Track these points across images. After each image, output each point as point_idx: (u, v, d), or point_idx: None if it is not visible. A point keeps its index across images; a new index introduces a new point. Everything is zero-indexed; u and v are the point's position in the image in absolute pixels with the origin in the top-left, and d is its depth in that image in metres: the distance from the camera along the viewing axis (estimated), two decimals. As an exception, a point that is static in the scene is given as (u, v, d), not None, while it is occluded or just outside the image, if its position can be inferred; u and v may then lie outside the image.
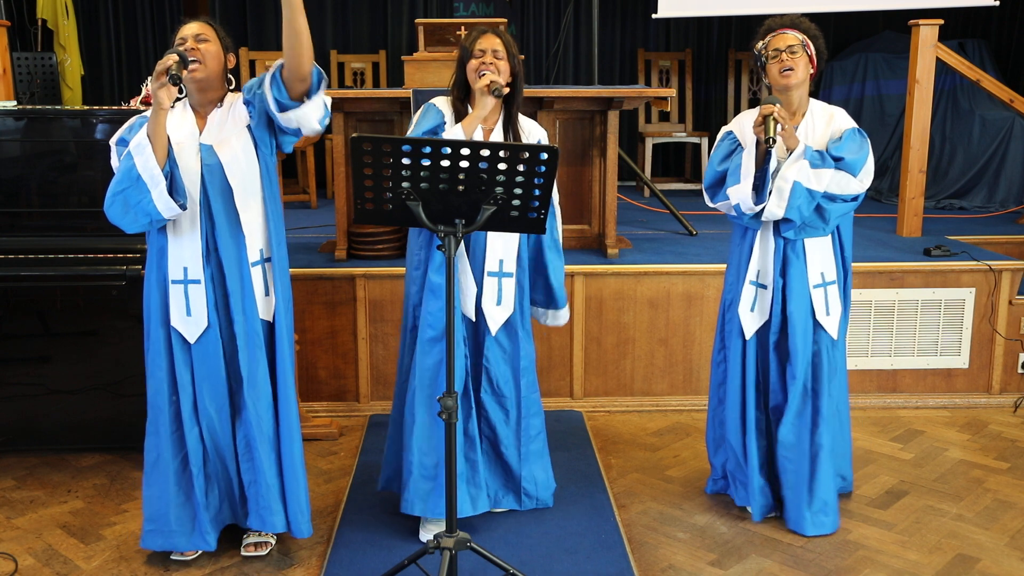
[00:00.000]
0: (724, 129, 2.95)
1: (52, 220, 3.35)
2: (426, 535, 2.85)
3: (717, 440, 3.12)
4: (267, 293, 2.69)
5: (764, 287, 2.89)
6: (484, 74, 2.68)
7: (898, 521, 3.04)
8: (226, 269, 2.62)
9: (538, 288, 3.00)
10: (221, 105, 2.65)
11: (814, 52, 2.83)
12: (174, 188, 2.50)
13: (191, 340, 2.63)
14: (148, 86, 3.49)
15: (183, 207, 2.52)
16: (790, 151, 2.77)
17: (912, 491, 3.26)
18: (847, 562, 2.78)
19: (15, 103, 3.58)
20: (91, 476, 3.36)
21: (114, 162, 2.58)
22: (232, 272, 2.62)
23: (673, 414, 4.01)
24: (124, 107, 3.40)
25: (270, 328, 2.71)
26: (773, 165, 2.77)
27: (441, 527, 2.77)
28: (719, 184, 2.86)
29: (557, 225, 2.98)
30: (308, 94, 2.56)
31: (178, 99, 2.60)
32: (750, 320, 2.91)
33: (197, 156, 2.58)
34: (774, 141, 2.66)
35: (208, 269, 2.61)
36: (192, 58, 2.53)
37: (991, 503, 3.17)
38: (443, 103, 2.82)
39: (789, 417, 2.88)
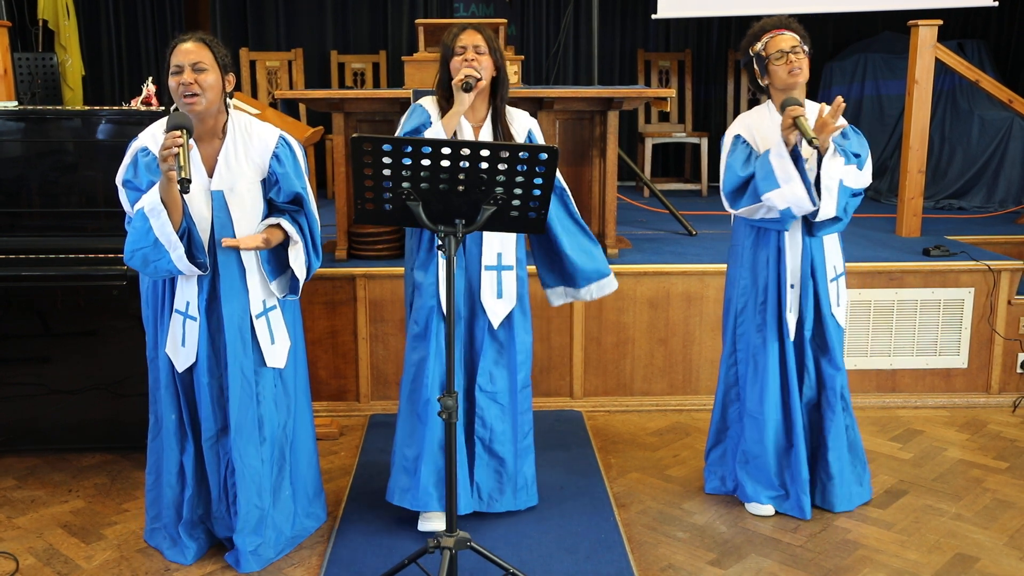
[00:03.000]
0: (731, 133, 2.92)
1: (53, 220, 3.35)
2: (424, 524, 2.88)
3: (730, 440, 3.13)
4: (272, 342, 2.67)
5: (793, 287, 2.93)
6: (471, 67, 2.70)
7: (897, 520, 3.04)
8: (226, 321, 2.59)
9: (556, 266, 2.94)
10: (225, 134, 2.59)
11: (808, 52, 2.85)
12: (193, 245, 2.49)
13: (179, 369, 2.63)
14: (148, 86, 3.50)
15: (203, 267, 2.52)
16: (822, 151, 2.75)
17: (911, 491, 3.27)
18: (846, 561, 2.78)
19: (16, 103, 3.58)
20: (92, 476, 3.37)
21: (124, 203, 2.57)
22: (232, 325, 2.60)
23: (673, 414, 4.01)
24: (125, 107, 3.40)
25: (279, 374, 2.73)
26: (810, 165, 2.78)
27: (440, 519, 2.81)
28: (741, 190, 2.84)
29: (570, 203, 2.94)
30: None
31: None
32: (792, 321, 2.93)
33: (208, 204, 2.55)
34: (818, 140, 2.65)
35: (208, 313, 2.60)
36: (191, 92, 2.46)
37: (990, 502, 3.18)
38: (429, 103, 2.83)
39: (836, 405, 2.99)
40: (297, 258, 2.62)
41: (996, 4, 5.48)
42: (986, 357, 4.10)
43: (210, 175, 2.56)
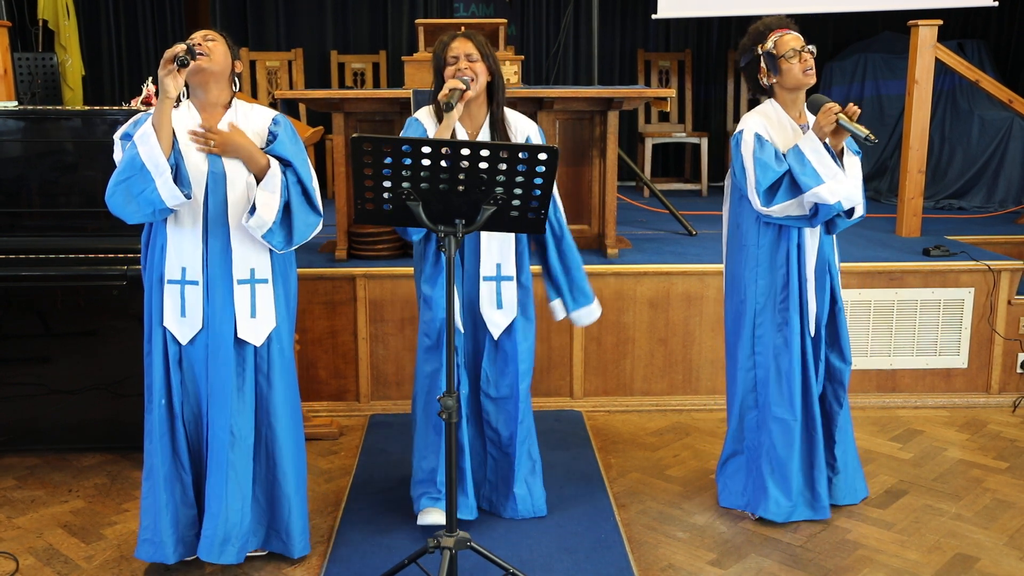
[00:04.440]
0: (749, 131, 2.81)
1: (52, 220, 3.35)
2: (424, 518, 2.88)
3: (749, 450, 3.05)
4: (253, 315, 2.62)
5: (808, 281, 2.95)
6: (468, 80, 2.68)
7: (897, 520, 3.04)
8: (210, 280, 2.58)
9: (560, 282, 2.92)
10: (230, 108, 2.62)
11: None
12: (179, 178, 2.47)
13: (183, 341, 2.60)
14: (148, 86, 3.50)
15: (188, 196, 2.49)
16: (839, 147, 2.77)
17: (911, 491, 3.27)
18: (846, 561, 2.78)
19: (16, 103, 3.59)
20: (92, 476, 3.37)
21: (117, 156, 2.55)
22: (215, 285, 2.58)
23: (673, 414, 4.01)
24: (125, 107, 3.40)
25: (256, 351, 2.65)
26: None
27: (439, 514, 2.81)
28: (776, 186, 2.77)
29: (560, 217, 2.92)
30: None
31: (180, 102, 2.58)
32: (814, 316, 2.95)
33: (205, 159, 2.55)
34: (872, 136, 2.63)
35: (205, 273, 2.58)
36: (200, 51, 2.51)
37: (990, 502, 3.18)
38: (425, 116, 2.82)
39: (843, 400, 3.03)
40: (268, 183, 2.53)
41: (996, 4, 5.48)
42: (986, 357, 4.10)
43: None
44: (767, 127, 2.84)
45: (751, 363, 2.97)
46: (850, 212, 2.83)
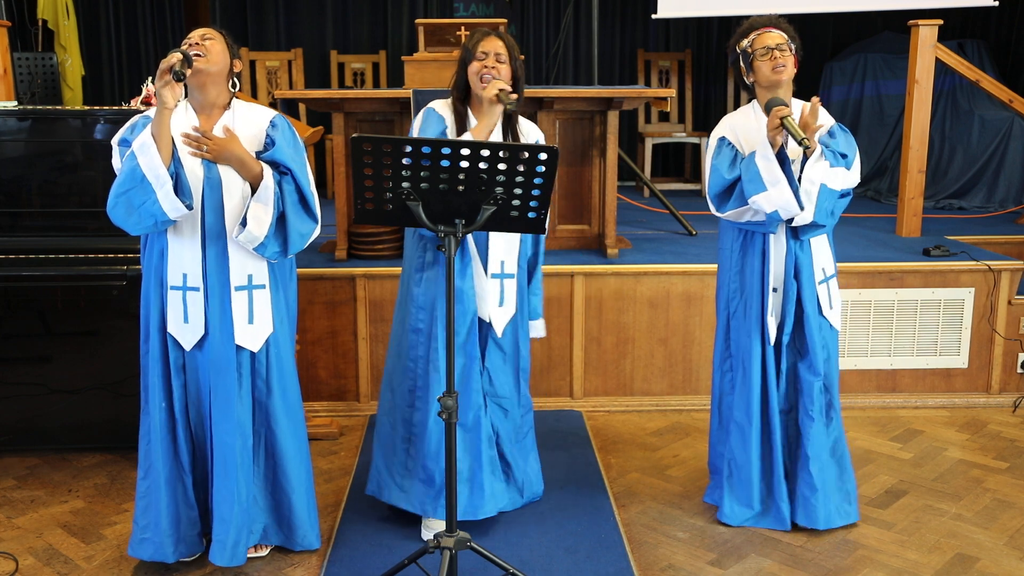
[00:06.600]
0: (716, 135, 2.86)
1: (53, 220, 3.35)
2: (427, 533, 2.86)
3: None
4: (251, 321, 2.61)
5: (776, 290, 2.87)
6: (491, 80, 2.65)
7: (897, 520, 3.04)
8: (209, 287, 2.57)
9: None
10: (228, 109, 2.61)
11: (796, 51, 2.81)
12: (179, 189, 2.46)
13: (187, 347, 2.60)
14: (148, 86, 3.50)
15: (190, 207, 2.48)
16: (809, 153, 2.71)
17: (911, 491, 3.27)
18: (846, 561, 2.78)
19: (16, 103, 3.59)
20: (92, 476, 3.37)
21: (116, 162, 2.55)
22: (214, 291, 2.57)
23: (673, 414, 4.01)
24: (125, 107, 3.41)
25: (253, 356, 2.64)
26: (795, 167, 2.73)
27: (441, 526, 2.80)
28: (728, 192, 2.79)
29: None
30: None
31: (179, 101, 2.57)
32: (773, 325, 2.88)
33: (200, 163, 2.54)
34: (808, 142, 2.58)
35: (204, 279, 2.57)
36: (196, 52, 2.49)
37: (990, 503, 3.18)
38: (443, 107, 2.81)
39: (814, 413, 2.88)
40: (261, 196, 2.52)
41: (996, 4, 5.49)
42: (986, 357, 4.10)
43: None
44: (737, 129, 2.85)
45: (728, 365, 2.99)
46: (791, 220, 2.75)
